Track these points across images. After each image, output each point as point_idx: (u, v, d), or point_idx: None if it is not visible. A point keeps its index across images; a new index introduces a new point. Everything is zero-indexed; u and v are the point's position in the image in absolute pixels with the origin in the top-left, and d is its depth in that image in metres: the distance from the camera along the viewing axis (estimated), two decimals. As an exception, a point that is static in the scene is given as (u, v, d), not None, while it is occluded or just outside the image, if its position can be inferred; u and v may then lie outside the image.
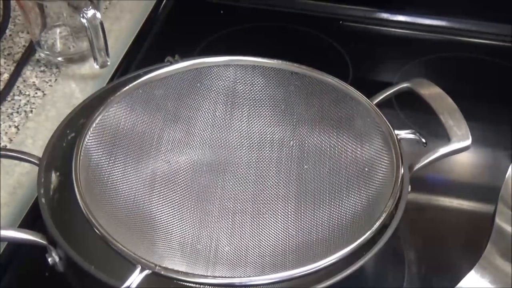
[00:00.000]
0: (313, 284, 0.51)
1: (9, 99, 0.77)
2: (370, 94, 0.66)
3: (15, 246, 0.63)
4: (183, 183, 0.67)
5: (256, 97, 0.70)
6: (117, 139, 0.64)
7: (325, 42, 0.91)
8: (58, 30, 0.83)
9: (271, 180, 0.68)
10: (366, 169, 0.63)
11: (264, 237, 0.63)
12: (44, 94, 0.78)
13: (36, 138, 0.73)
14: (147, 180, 0.65)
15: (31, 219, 0.65)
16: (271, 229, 0.63)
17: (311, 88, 0.67)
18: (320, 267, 0.51)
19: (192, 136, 0.69)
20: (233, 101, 0.70)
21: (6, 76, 0.80)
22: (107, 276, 0.50)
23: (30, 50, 0.83)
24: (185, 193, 0.66)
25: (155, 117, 0.67)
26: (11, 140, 0.72)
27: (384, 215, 0.55)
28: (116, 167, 0.63)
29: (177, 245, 0.61)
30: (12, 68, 0.81)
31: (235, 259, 0.60)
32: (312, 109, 0.68)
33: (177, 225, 0.63)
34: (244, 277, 0.58)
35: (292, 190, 0.67)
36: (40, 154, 0.61)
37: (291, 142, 0.70)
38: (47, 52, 0.83)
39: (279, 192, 0.67)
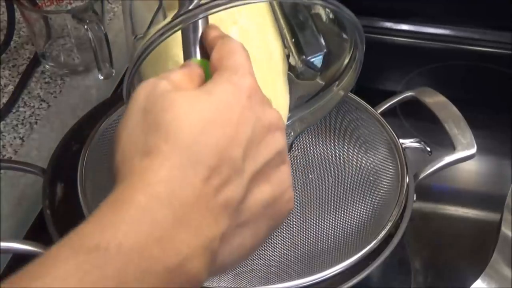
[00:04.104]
0: (319, 294, 0.51)
1: (14, 110, 0.78)
2: (374, 103, 0.66)
3: (20, 257, 0.63)
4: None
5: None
6: (121, 150, 0.64)
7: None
8: (62, 41, 0.83)
9: (276, 190, 0.68)
10: (371, 178, 0.63)
11: (269, 247, 0.63)
12: (49, 106, 0.79)
13: (41, 150, 0.73)
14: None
15: (36, 230, 0.65)
16: (276, 239, 0.63)
17: (315, 98, 0.67)
18: (326, 276, 0.51)
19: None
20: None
21: (11, 87, 0.80)
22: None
23: (35, 61, 0.84)
24: (190, 204, 0.66)
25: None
26: (16, 151, 0.72)
27: (389, 224, 0.54)
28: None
29: (182, 255, 0.61)
30: (17, 80, 0.81)
31: (240, 269, 0.60)
32: (317, 118, 0.68)
33: (182, 235, 0.63)
34: (249, 287, 0.57)
35: (297, 200, 0.67)
36: (45, 166, 0.61)
37: (296, 152, 0.70)
38: (52, 64, 0.83)
39: (284, 201, 0.67)
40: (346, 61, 0.51)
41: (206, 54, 0.39)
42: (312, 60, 0.51)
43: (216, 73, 0.36)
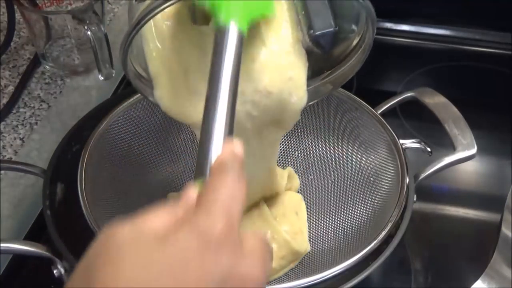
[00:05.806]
0: (319, 295, 0.51)
1: (14, 111, 0.78)
2: (374, 104, 0.66)
3: (20, 258, 0.63)
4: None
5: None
6: (122, 150, 0.64)
7: (328, 52, 0.91)
8: (62, 42, 0.83)
9: (276, 191, 0.68)
10: (371, 178, 0.63)
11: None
12: (49, 106, 0.79)
13: (41, 150, 0.73)
14: (152, 189, 0.65)
15: (36, 231, 0.65)
16: (277, 239, 0.63)
17: (316, 98, 0.67)
18: (326, 277, 0.51)
19: (196, 145, 0.69)
20: (238, 111, 0.70)
21: (11, 88, 0.80)
22: None
23: (35, 62, 0.84)
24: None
25: (160, 127, 0.67)
26: (16, 152, 0.72)
27: (389, 225, 0.54)
28: (121, 177, 0.63)
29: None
30: (17, 81, 0.81)
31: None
32: (317, 119, 0.68)
33: (183, 236, 0.63)
34: None
35: (297, 200, 0.67)
36: (45, 166, 0.61)
37: (296, 153, 0.70)
38: (52, 64, 0.83)
39: (284, 202, 0.67)
40: (355, 42, 0.50)
41: None
42: (319, 36, 0.48)
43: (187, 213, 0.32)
